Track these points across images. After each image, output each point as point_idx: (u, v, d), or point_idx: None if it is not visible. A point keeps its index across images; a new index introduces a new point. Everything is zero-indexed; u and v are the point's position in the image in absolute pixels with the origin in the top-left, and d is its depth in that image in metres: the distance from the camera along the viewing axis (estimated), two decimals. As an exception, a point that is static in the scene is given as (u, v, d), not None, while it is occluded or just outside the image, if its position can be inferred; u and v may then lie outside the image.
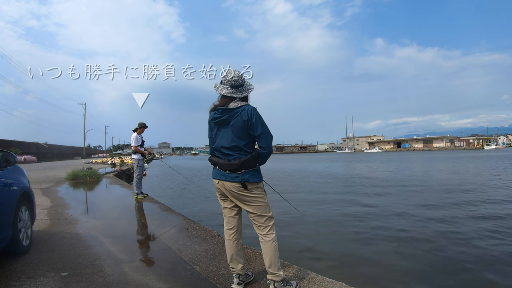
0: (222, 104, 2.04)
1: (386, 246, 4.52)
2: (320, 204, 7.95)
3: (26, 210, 3.15)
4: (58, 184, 9.06)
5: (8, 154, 2.97)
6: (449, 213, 6.50)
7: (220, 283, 2.30)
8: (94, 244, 3.30)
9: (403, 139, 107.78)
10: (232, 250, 2.14)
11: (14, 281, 2.33)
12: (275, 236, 2.07)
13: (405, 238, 4.84)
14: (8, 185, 2.78)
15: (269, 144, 2.05)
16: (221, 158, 2.05)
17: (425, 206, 7.35)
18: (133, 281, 2.34)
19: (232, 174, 1.99)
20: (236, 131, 1.99)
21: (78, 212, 5.11)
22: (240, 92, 2.04)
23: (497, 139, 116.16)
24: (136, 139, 6.11)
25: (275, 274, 2.03)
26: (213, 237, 3.47)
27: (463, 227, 5.38)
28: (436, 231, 5.16)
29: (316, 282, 2.25)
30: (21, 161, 25.34)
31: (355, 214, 6.61)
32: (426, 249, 4.36)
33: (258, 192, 2.03)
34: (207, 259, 2.80)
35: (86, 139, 51.51)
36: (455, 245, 4.47)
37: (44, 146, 39.37)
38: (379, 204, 7.78)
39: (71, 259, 2.82)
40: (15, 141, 31.28)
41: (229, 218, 2.17)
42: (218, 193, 2.16)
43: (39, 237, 3.50)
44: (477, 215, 6.21)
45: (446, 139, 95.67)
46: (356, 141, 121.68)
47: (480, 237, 4.76)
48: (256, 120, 1.98)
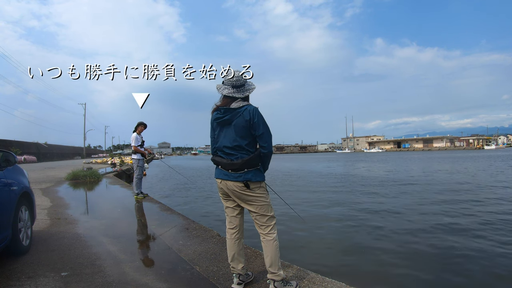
0: (224, 104, 2.05)
1: (386, 246, 4.51)
2: (320, 204, 7.95)
3: (26, 210, 3.15)
4: (58, 184, 9.05)
5: (8, 154, 2.97)
6: (449, 213, 6.50)
7: (220, 283, 2.30)
8: (94, 244, 3.29)
9: (403, 139, 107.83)
10: (234, 249, 2.14)
11: (14, 281, 2.33)
12: (277, 236, 2.07)
13: (405, 238, 4.84)
14: (8, 185, 2.78)
15: (269, 144, 2.07)
16: (223, 158, 2.06)
17: (425, 206, 7.35)
18: (133, 281, 2.34)
19: (234, 173, 2.00)
20: (238, 131, 2.00)
21: (78, 212, 5.11)
22: (242, 92, 2.05)
23: (497, 139, 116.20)
24: (136, 139, 6.11)
25: (276, 274, 2.04)
26: (213, 237, 3.47)
27: (463, 227, 5.38)
28: (436, 231, 5.15)
29: (316, 282, 2.25)
30: (21, 161, 25.33)
31: (355, 214, 6.60)
32: (426, 249, 4.35)
33: (261, 191, 2.04)
34: (207, 259, 2.80)
35: (86, 139, 51.58)
36: (456, 245, 4.47)
37: (44, 146, 39.37)
38: (379, 204, 7.77)
39: (71, 259, 2.82)
40: (15, 141, 31.28)
41: (231, 217, 2.17)
42: (221, 192, 2.16)
43: (39, 237, 3.50)
44: (479, 215, 6.21)
45: (446, 139, 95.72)
46: (356, 141, 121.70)
47: (482, 236, 4.77)
48: (258, 120, 1.99)
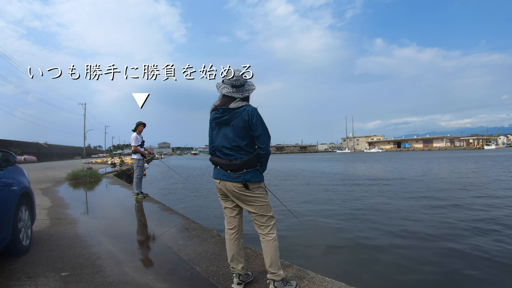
0: (222, 104, 2.03)
1: (386, 246, 4.51)
2: (320, 204, 7.95)
3: (26, 210, 3.15)
4: (58, 184, 9.05)
5: (8, 154, 2.97)
6: (450, 213, 6.50)
7: (220, 283, 2.30)
8: (94, 244, 3.29)
9: (403, 139, 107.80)
10: (233, 250, 2.14)
11: (14, 281, 2.33)
12: (276, 236, 2.07)
13: (406, 238, 4.84)
14: (8, 185, 2.78)
15: (267, 145, 2.05)
16: (222, 158, 2.04)
17: (425, 205, 7.35)
18: (133, 281, 2.34)
19: (233, 174, 1.99)
20: (237, 131, 1.99)
21: (78, 212, 5.11)
22: (241, 92, 2.03)
23: (497, 139, 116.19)
24: (136, 139, 6.11)
25: (275, 274, 2.03)
26: (213, 237, 3.47)
27: (463, 227, 5.38)
28: (436, 231, 5.15)
29: (316, 282, 2.25)
30: (21, 161, 25.33)
31: (355, 214, 6.60)
32: (427, 249, 4.35)
33: (260, 192, 2.03)
34: (207, 259, 2.80)
35: (86, 139, 51.56)
36: (456, 246, 4.47)
37: (44, 146, 39.37)
38: (379, 204, 7.77)
39: (71, 259, 2.82)
40: (15, 141, 31.29)
41: (230, 218, 2.17)
42: (219, 193, 2.15)
43: (39, 237, 3.50)
44: (480, 217, 6.21)
45: (446, 139, 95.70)
46: (356, 141, 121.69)
47: (483, 236, 4.77)
48: (256, 121, 1.98)
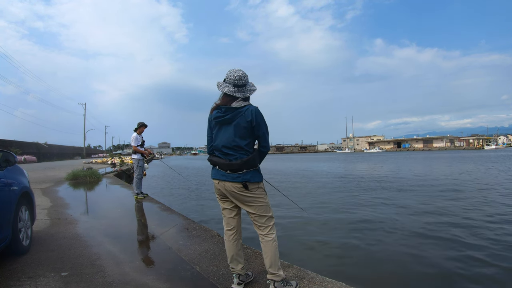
0: (224, 103, 2.01)
1: (386, 245, 4.51)
2: (320, 204, 7.95)
3: (26, 210, 3.15)
4: (58, 184, 9.05)
5: (8, 154, 2.97)
6: (451, 213, 6.50)
7: (220, 283, 2.30)
8: (94, 244, 3.29)
9: (403, 139, 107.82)
10: (232, 250, 2.14)
11: (14, 281, 2.33)
12: (276, 236, 2.07)
13: (406, 238, 4.84)
14: (8, 185, 2.78)
15: (268, 143, 2.11)
16: (221, 158, 2.03)
17: (425, 206, 7.34)
18: (133, 281, 2.34)
19: (233, 174, 1.97)
20: (238, 131, 1.98)
21: (78, 212, 5.11)
22: (242, 92, 2.01)
23: (497, 139, 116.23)
24: (136, 139, 6.11)
25: (275, 274, 2.03)
26: (213, 237, 3.47)
27: (463, 227, 5.38)
28: (436, 231, 5.15)
29: (316, 282, 2.25)
30: (21, 161, 25.34)
31: (355, 214, 6.60)
32: (427, 249, 4.35)
33: (259, 192, 2.02)
34: (207, 259, 2.80)
35: (86, 139, 51.55)
36: (457, 246, 4.47)
37: (44, 146, 39.36)
38: (380, 204, 7.77)
39: (71, 259, 2.82)
40: (15, 141, 31.28)
41: (228, 218, 2.16)
42: (218, 193, 2.14)
43: (39, 237, 3.50)
44: (480, 215, 6.21)
45: (446, 139, 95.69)
46: (356, 141, 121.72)
47: (484, 234, 4.77)
48: (260, 120, 1.99)
